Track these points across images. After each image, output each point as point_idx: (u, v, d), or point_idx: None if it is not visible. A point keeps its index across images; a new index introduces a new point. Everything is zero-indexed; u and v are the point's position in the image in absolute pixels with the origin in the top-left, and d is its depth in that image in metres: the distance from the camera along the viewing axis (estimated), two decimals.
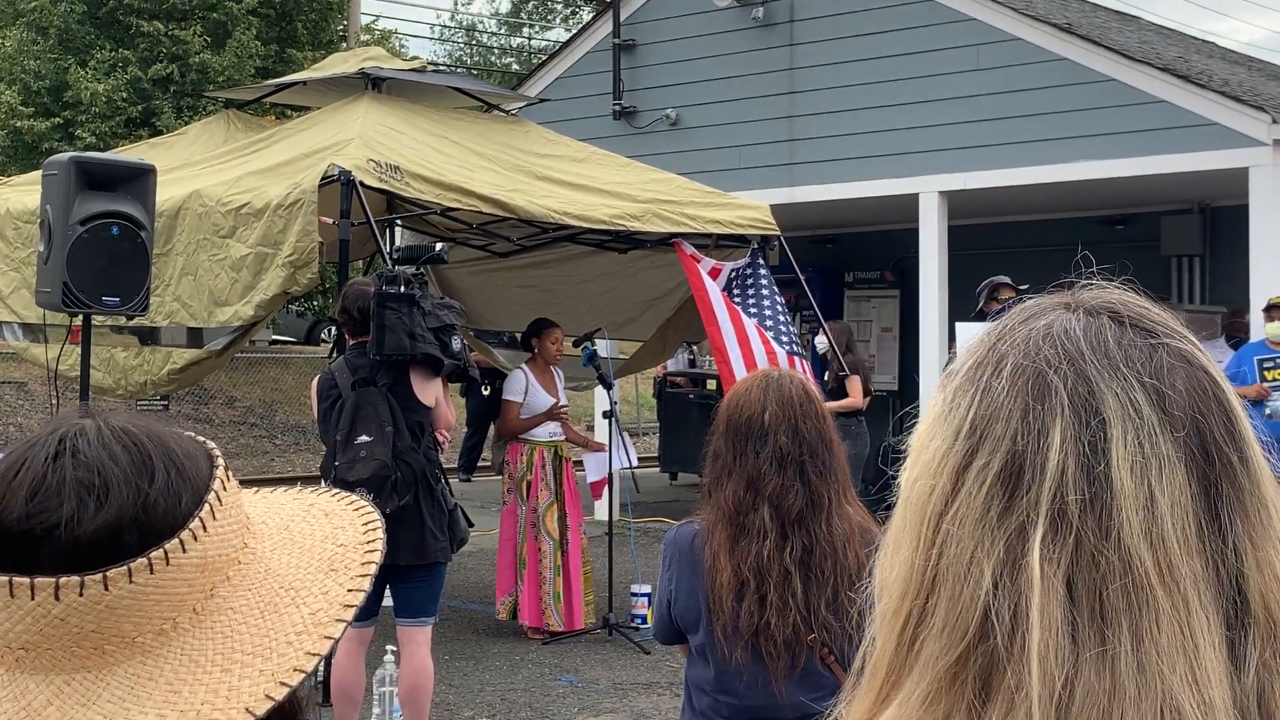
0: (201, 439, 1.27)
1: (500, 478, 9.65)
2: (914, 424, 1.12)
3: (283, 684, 1.14)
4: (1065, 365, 1.03)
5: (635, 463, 9.78)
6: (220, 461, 1.24)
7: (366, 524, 1.30)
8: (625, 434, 9.71)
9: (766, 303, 9.48)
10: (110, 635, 1.14)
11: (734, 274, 9.68)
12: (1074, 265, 1.18)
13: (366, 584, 1.23)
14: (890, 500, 1.11)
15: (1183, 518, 0.99)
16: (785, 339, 9.32)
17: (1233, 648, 0.98)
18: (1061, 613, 0.97)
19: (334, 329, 7.57)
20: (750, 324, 9.13)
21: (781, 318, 9.42)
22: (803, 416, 3.19)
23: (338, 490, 1.37)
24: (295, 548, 1.26)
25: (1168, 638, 0.96)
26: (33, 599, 1.12)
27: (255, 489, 1.38)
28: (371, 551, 1.26)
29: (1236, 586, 0.99)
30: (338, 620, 1.19)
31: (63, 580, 1.11)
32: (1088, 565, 0.98)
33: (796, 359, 9.24)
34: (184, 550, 1.16)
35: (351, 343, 6.70)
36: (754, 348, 8.96)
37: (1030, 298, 1.11)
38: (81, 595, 1.12)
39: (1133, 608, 0.97)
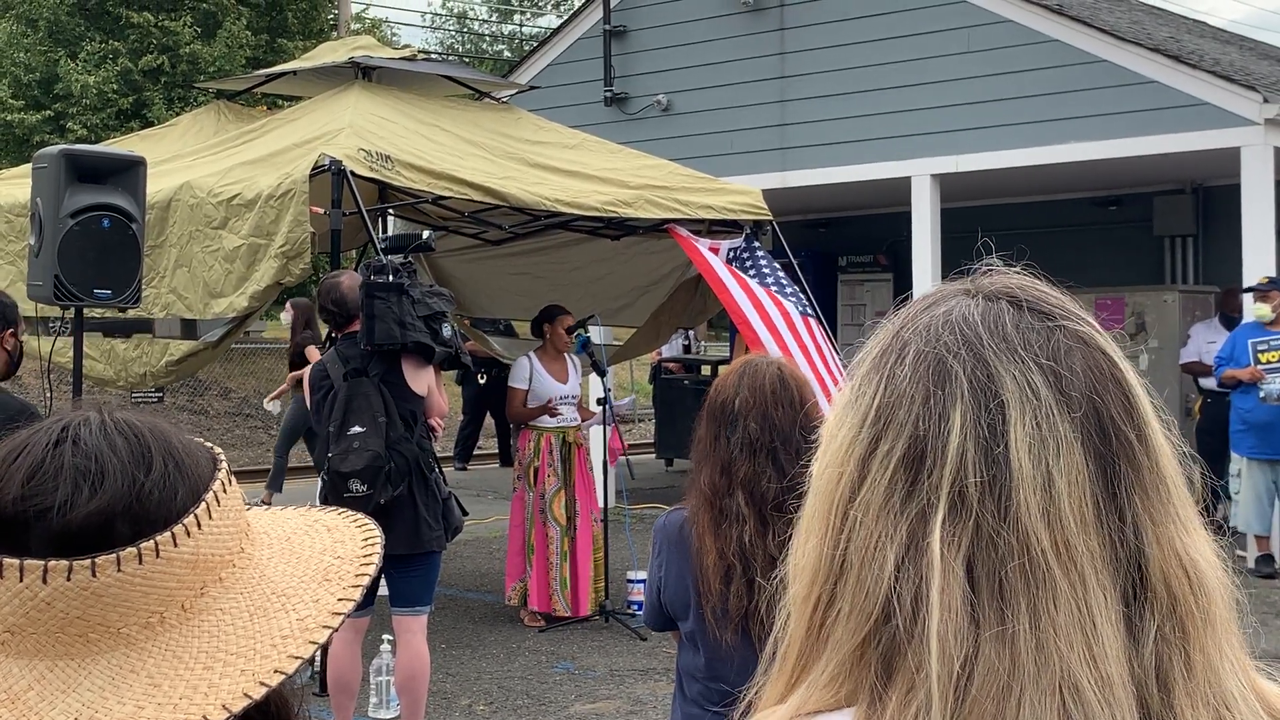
0: (209, 444, 1.28)
1: (515, 465, 9.70)
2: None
3: (262, 684, 1.15)
4: (964, 350, 1.04)
5: (629, 406, 9.81)
6: (223, 465, 1.26)
7: (366, 539, 1.32)
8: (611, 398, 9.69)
9: (768, 272, 9.48)
10: (95, 623, 1.15)
11: (731, 251, 9.68)
12: (1068, 247, 1.19)
13: (357, 594, 1.24)
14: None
15: (1080, 497, 1.00)
16: (795, 301, 9.31)
17: (1130, 623, 1.00)
18: (961, 594, 0.99)
19: None
20: (760, 289, 9.13)
21: (788, 288, 9.42)
22: (774, 403, 3.20)
23: (345, 510, 1.39)
24: (293, 557, 1.28)
25: (1065, 615, 0.98)
26: (21, 581, 1.13)
27: (266, 507, 1.40)
28: (367, 564, 1.28)
29: (1136, 563, 1.01)
30: (324, 626, 1.20)
31: (51, 564, 1.13)
32: (987, 547, 0.99)
33: (810, 319, 9.24)
34: (175, 544, 1.17)
35: (340, 334, 6.70)
36: (768, 310, 8.96)
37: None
38: (69, 580, 1.13)
39: (1030, 587, 0.98)
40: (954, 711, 0.97)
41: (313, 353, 13.56)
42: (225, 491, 1.23)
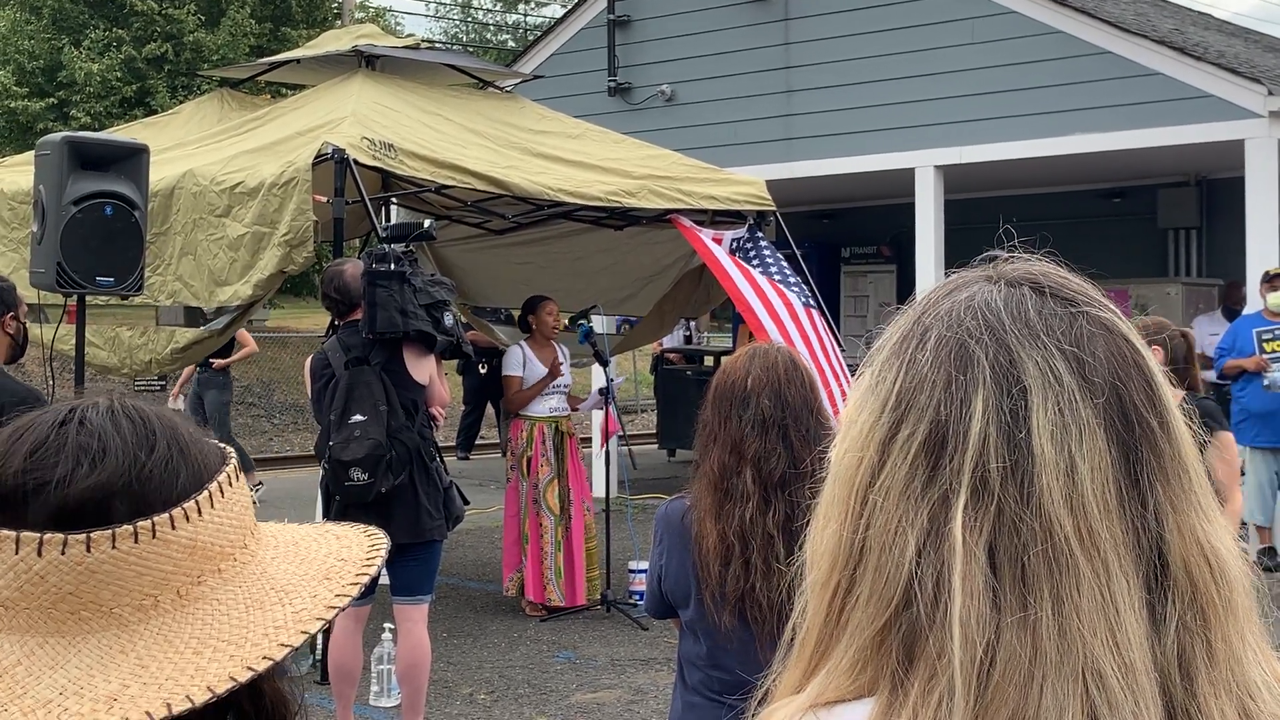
0: (222, 445, 1.30)
1: (506, 456, 9.69)
2: None
3: (249, 669, 1.16)
4: (986, 335, 1.04)
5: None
6: (232, 462, 1.27)
7: (373, 544, 1.33)
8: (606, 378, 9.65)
9: (771, 263, 9.49)
10: (88, 601, 1.16)
11: (735, 242, 9.69)
12: (1072, 239, 1.19)
13: (355, 591, 1.25)
14: None
15: (1103, 483, 1.00)
16: (798, 292, 9.32)
17: (1153, 610, 0.99)
18: (983, 579, 0.98)
19: None
20: (763, 280, 9.14)
21: (791, 278, 9.41)
22: (787, 382, 3.22)
23: (359, 525, 1.40)
24: (297, 559, 1.29)
25: (1088, 602, 0.98)
26: (16, 553, 1.14)
27: (284, 516, 1.41)
28: (369, 565, 1.29)
29: (1157, 550, 1.00)
30: (318, 618, 1.21)
31: (46, 537, 1.14)
32: (1009, 532, 0.99)
33: (813, 311, 9.24)
34: (173, 527, 1.18)
35: (342, 322, 6.70)
36: (772, 300, 8.97)
37: None
38: (63, 554, 1.14)
39: (1054, 573, 0.98)
40: (977, 698, 0.97)
41: (243, 335, 13.81)
42: (230, 485, 1.25)
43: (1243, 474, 10.74)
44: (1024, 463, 1.00)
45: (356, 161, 7.86)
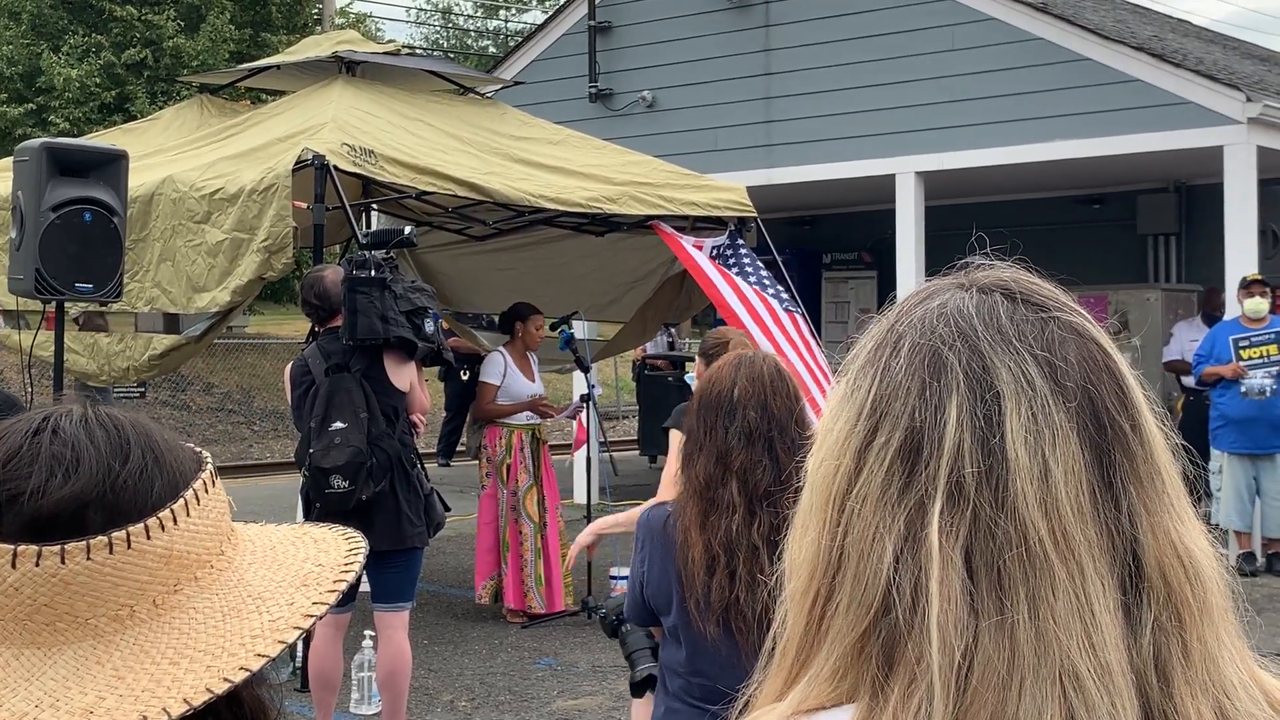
0: (198, 449, 1.28)
1: (477, 462, 9.65)
2: None
3: (226, 680, 1.15)
4: (959, 342, 1.04)
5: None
6: (209, 467, 1.26)
7: (351, 549, 1.32)
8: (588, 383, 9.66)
9: (750, 270, 9.50)
10: (63, 612, 1.14)
11: (715, 249, 9.70)
12: (1051, 245, 1.19)
13: (332, 599, 1.25)
14: None
15: (1076, 486, 1.00)
16: (780, 296, 9.33)
17: (1128, 612, 1.00)
18: (960, 584, 0.98)
19: None
20: (745, 285, 9.16)
21: (769, 286, 9.43)
22: (773, 393, 3.21)
23: (335, 525, 1.39)
24: (274, 564, 1.28)
25: (1064, 604, 0.98)
26: None
27: (262, 522, 1.40)
28: (347, 571, 1.28)
29: (1131, 552, 1.01)
30: (295, 627, 1.20)
31: (20, 548, 1.13)
32: (985, 536, 0.99)
33: (796, 314, 9.26)
34: (148, 537, 1.17)
35: (322, 329, 6.68)
36: (754, 305, 8.98)
37: None
38: (38, 565, 1.13)
39: (1029, 576, 0.98)
40: (956, 702, 0.97)
41: None
42: (206, 492, 1.23)
43: (1216, 477, 10.79)
44: (998, 467, 1.00)
45: (337, 167, 7.84)
